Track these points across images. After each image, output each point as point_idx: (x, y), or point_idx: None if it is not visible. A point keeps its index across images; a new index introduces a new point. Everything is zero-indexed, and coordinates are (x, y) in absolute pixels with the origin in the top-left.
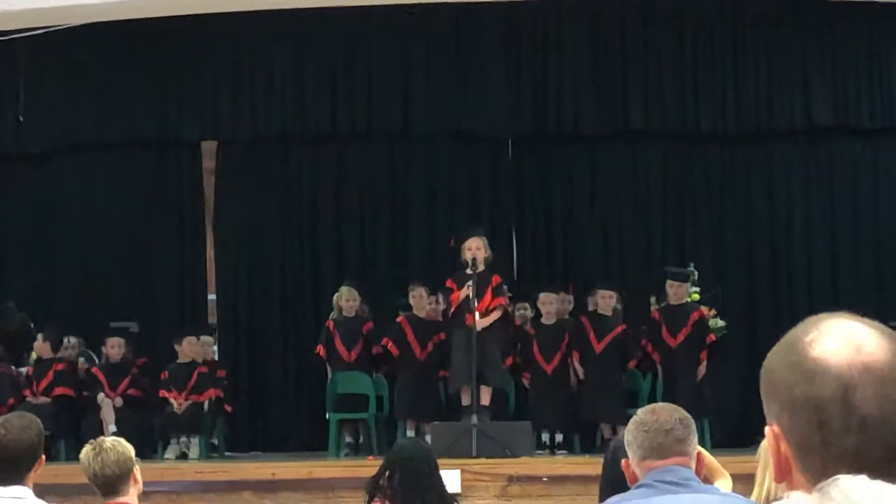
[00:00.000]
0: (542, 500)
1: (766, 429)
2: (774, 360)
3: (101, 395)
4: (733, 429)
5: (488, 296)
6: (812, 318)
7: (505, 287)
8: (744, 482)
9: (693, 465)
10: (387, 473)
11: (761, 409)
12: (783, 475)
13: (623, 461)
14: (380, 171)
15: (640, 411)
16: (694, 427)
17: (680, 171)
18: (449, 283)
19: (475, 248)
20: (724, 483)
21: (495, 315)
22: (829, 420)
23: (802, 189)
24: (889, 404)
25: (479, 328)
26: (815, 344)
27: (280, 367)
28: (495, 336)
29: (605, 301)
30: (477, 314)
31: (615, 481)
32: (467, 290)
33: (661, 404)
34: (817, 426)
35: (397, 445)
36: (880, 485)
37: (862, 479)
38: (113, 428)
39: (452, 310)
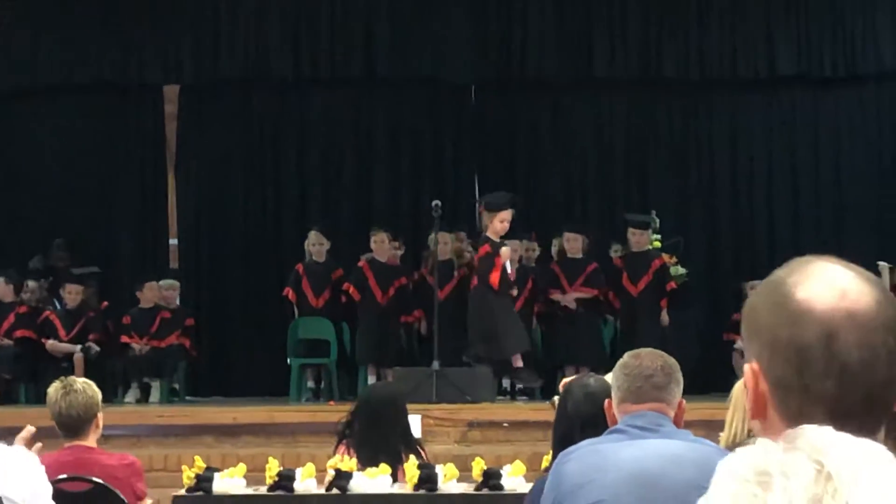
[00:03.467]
0: (502, 445)
1: (745, 366)
2: (758, 299)
3: (50, 342)
4: (693, 376)
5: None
6: (798, 260)
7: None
8: (705, 428)
9: (671, 412)
10: (354, 417)
11: (720, 356)
12: (759, 413)
13: (606, 401)
14: (343, 117)
15: (626, 355)
16: (678, 376)
17: (643, 119)
18: (487, 248)
19: (508, 219)
20: None
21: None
22: (810, 363)
23: (764, 138)
24: (870, 351)
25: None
26: (799, 286)
27: (242, 312)
28: (512, 304)
29: (573, 244)
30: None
31: (564, 425)
32: (507, 257)
33: (647, 350)
34: (797, 368)
35: (366, 389)
36: (846, 436)
37: (828, 430)
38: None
39: (498, 275)
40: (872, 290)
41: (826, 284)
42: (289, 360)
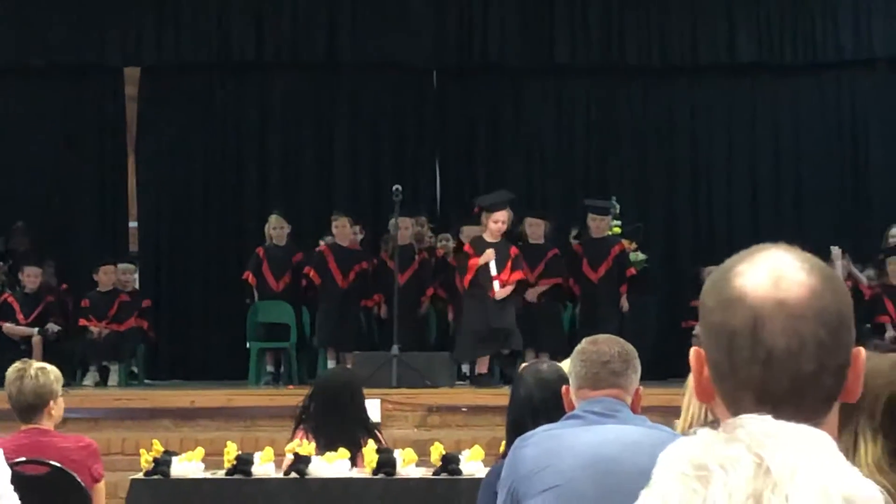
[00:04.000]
0: (461, 430)
1: (692, 349)
2: (707, 284)
3: (7, 325)
4: (652, 362)
5: (508, 267)
6: (752, 248)
7: (523, 260)
8: (663, 414)
9: (628, 398)
10: (311, 401)
11: (679, 342)
12: (706, 397)
13: (563, 388)
14: (304, 101)
15: (584, 341)
16: (636, 363)
17: (604, 105)
18: (467, 248)
19: (505, 221)
20: None
21: (510, 288)
22: (738, 349)
23: (724, 125)
24: (798, 341)
25: (498, 298)
26: (740, 274)
27: (201, 295)
28: (511, 301)
29: (534, 229)
30: (497, 284)
31: (516, 411)
32: (487, 259)
33: (605, 336)
34: (728, 353)
35: (323, 374)
36: (787, 426)
37: (768, 420)
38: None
39: (469, 277)
40: (811, 281)
41: (764, 272)
42: (248, 344)
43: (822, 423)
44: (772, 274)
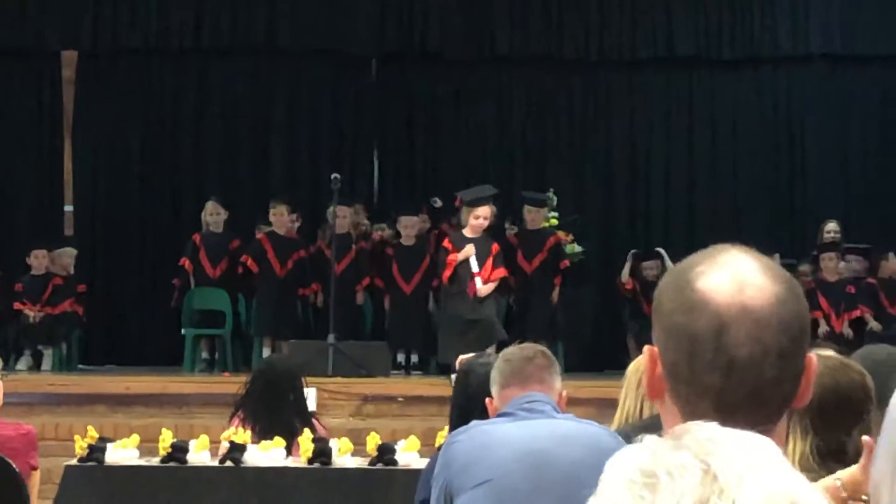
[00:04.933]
0: (396, 419)
1: (646, 347)
2: (664, 284)
3: None
4: (587, 354)
5: (489, 264)
6: (710, 248)
7: (503, 257)
8: (598, 406)
9: (555, 396)
10: (250, 388)
11: (614, 334)
12: (655, 394)
13: (487, 400)
14: (243, 88)
15: (504, 350)
16: (557, 366)
17: (544, 97)
18: (446, 244)
19: (487, 217)
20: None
21: (493, 285)
22: (699, 354)
23: (662, 118)
24: (760, 348)
25: (480, 295)
26: (702, 276)
27: (137, 280)
28: (493, 296)
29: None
30: (479, 281)
31: (464, 402)
32: (467, 255)
33: (523, 344)
34: (688, 357)
35: (263, 361)
36: (733, 433)
37: (714, 427)
38: None
39: (448, 273)
40: (775, 287)
41: (728, 276)
42: (183, 331)
43: (774, 429)
44: (735, 278)
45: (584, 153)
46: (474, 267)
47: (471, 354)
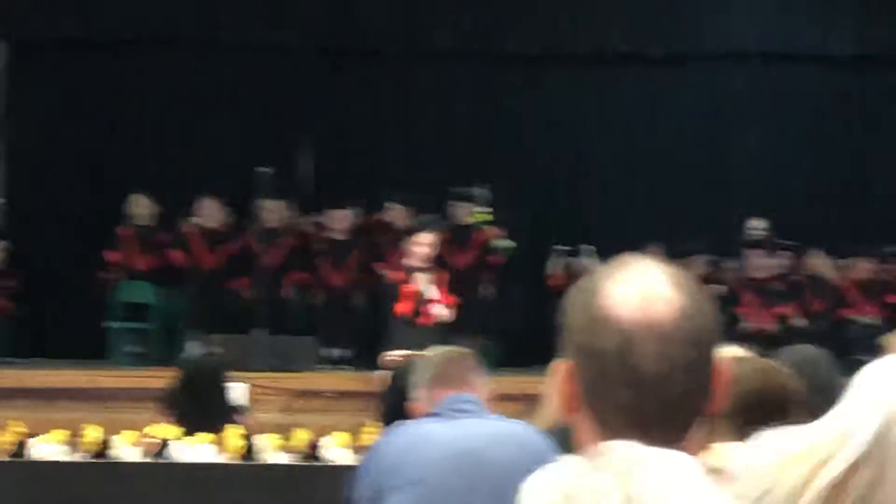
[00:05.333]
0: (325, 415)
1: (559, 363)
2: (572, 300)
3: None
4: (517, 349)
5: (444, 291)
6: (616, 262)
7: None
8: (528, 403)
9: (481, 396)
10: (176, 386)
11: (545, 330)
12: (570, 410)
13: (412, 404)
14: (177, 79)
15: (425, 352)
16: (479, 364)
17: (483, 91)
18: (397, 276)
19: (431, 244)
20: None
21: (453, 311)
22: (608, 371)
23: (597, 114)
24: (667, 363)
25: (441, 321)
26: (606, 291)
27: (65, 273)
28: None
29: (395, 214)
30: (439, 308)
31: (397, 399)
32: (422, 285)
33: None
34: (598, 375)
35: (187, 359)
36: (655, 453)
37: (635, 448)
38: None
39: (404, 304)
40: (680, 300)
41: (632, 291)
42: (110, 324)
43: (688, 439)
44: (640, 292)
45: (520, 148)
46: (433, 294)
47: (397, 353)
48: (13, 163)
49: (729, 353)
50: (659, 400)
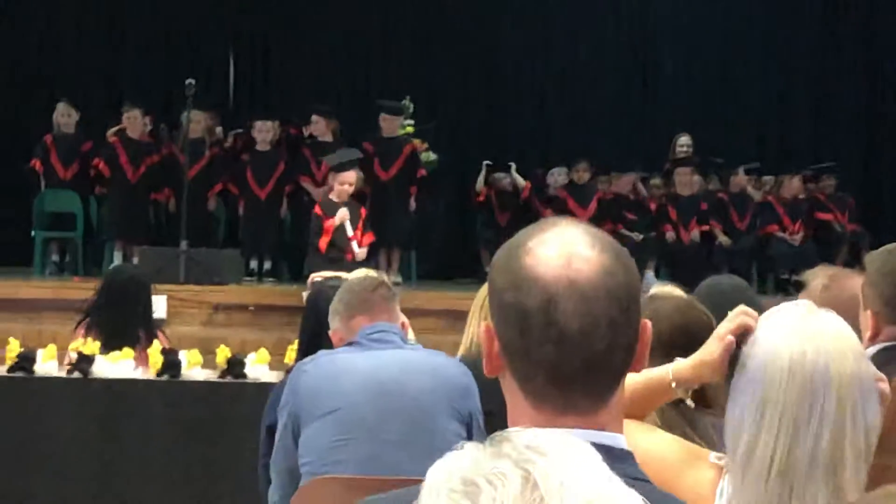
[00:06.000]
0: (247, 329)
1: (483, 324)
2: (496, 260)
3: None
4: (438, 263)
5: (360, 228)
6: (539, 223)
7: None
8: (447, 318)
9: (398, 324)
10: (97, 297)
11: (466, 244)
12: (494, 370)
13: (331, 333)
14: None
15: (345, 279)
16: (397, 293)
17: (399, 2)
18: (318, 211)
19: (353, 182)
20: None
21: (366, 250)
22: (531, 329)
23: (518, 26)
24: (590, 320)
25: (359, 259)
26: (530, 252)
27: None
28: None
29: (315, 126)
30: (355, 245)
31: (314, 324)
32: (342, 219)
33: (362, 274)
34: (520, 333)
35: (110, 269)
36: (555, 437)
37: (534, 433)
38: None
39: (327, 239)
40: (602, 259)
41: (555, 251)
42: (34, 233)
43: (612, 399)
44: (562, 252)
45: (439, 60)
46: (349, 231)
47: (323, 274)
48: None
49: (655, 289)
50: (582, 357)
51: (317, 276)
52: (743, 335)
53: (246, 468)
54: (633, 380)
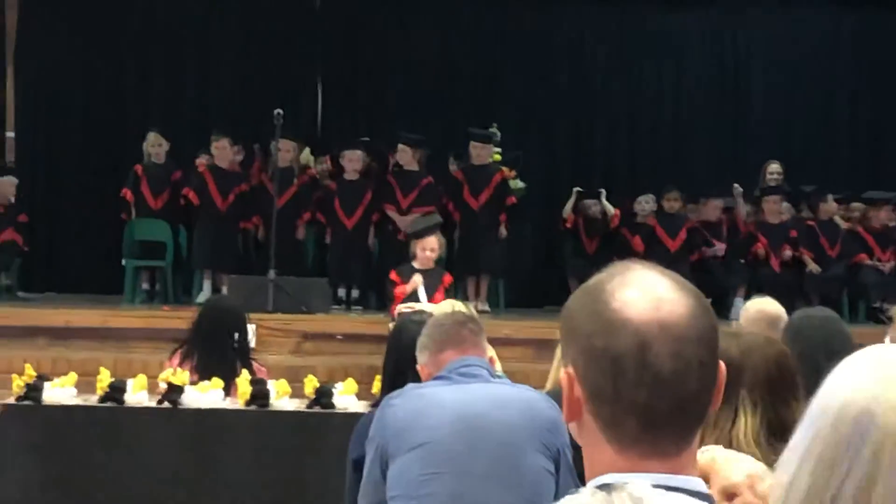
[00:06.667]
0: (336, 357)
1: (562, 371)
2: (575, 305)
3: None
4: (526, 290)
5: (440, 296)
6: (615, 267)
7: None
8: (536, 347)
9: (486, 359)
10: (194, 327)
11: (553, 271)
12: (573, 416)
13: (419, 367)
14: (188, 18)
15: (434, 316)
16: (484, 328)
17: (490, 31)
18: (393, 276)
19: (435, 248)
20: None
21: None
22: (624, 372)
23: (608, 55)
24: (683, 363)
25: None
26: (616, 295)
27: (79, 209)
28: None
29: (402, 155)
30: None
31: (398, 358)
32: (414, 286)
33: (449, 307)
34: (612, 377)
35: (208, 301)
36: (666, 496)
37: (646, 487)
38: None
39: (395, 307)
40: (688, 301)
41: (642, 294)
42: (124, 262)
43: (694, 442)
44: (650, 295)
45: (528, 88)
46: (423, 299)
47: (408, 306)
48: (25, 96)
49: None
50: (674, 398)
51: (403, 308)
52: None
53: (333, 497)
54: None
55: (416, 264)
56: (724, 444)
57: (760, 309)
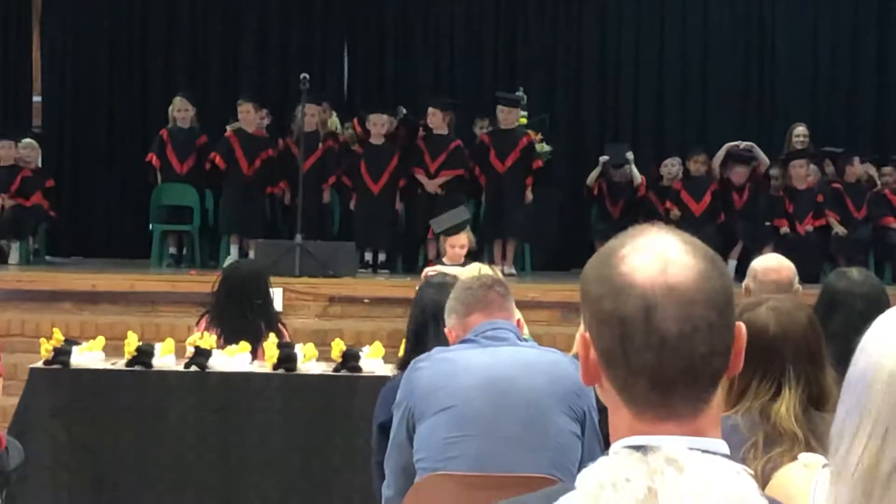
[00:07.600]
0: (362, 321)
1: (577, 334)
2: (590, 270)
3: None
4: (553, 254)
5: None
6: (630, 231)
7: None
8: (562, 310)
9: (513, 322)
10: (218, 291)
11: (579, 234)
12: (591, 379)
13: (446, 331)
14: None
15: (462, 280)
16: (510, 291)
17: None
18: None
19: (465, 244)
20: None
21: None
22: (631, 335)
23: (633, 18)
24: (689, 324)
25: None
26: (625, 259)
27: (105, 174)
28: None
29: (433, 118)
30: None
31: (419, 318)
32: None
33: (476, 271)
34: (620, 340)
35: (230, 265)
36: (699, 457)
37: (681, 447)
38: None
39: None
40: (697, 264)
41: (651, 257)
42: (151, 226)
43: (711, 403)
44: (658, 258)
45: (553, 52)
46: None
47: (438, 268)
48: (51, 61)
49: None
50: (682, 361)
51: (431, 270)
52: None
53: (360, 460)
54: None
55: (445, 261)
56: (758, 414)
57: (770, 267)
